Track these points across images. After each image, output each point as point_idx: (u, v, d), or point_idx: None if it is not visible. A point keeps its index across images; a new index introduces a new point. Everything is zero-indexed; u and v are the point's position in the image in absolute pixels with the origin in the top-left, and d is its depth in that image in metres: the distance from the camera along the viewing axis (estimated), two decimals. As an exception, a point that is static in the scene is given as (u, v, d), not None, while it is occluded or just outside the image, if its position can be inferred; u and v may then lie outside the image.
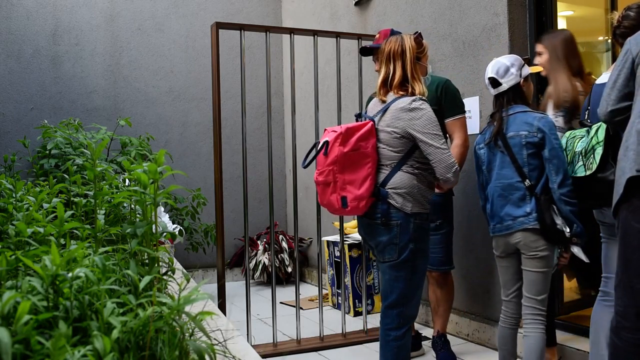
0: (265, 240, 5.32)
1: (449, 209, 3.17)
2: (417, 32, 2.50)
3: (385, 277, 2.39)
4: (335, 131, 2.32)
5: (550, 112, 2.80)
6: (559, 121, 2.78)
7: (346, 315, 3.82)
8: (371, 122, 2.33)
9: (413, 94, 2.33)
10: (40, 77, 4.97)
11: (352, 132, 2.29)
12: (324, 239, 4.48)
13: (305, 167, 2.38)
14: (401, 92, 2.35)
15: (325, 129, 2.44)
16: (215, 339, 1.16)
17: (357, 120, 2.42)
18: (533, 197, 2.38)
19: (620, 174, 1.99)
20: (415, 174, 2.32)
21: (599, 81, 2.42)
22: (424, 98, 2.33)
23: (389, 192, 2.30)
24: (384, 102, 2.38)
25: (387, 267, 2.36)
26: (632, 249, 1.97)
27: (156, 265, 1.29)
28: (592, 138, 2.28)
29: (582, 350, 2.83)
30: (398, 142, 2.31)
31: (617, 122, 2.09)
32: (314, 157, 2.36)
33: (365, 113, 2.49)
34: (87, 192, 1.75)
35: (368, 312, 3.78)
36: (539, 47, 2.92)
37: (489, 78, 2.49)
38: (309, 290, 5.09)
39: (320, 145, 2.34)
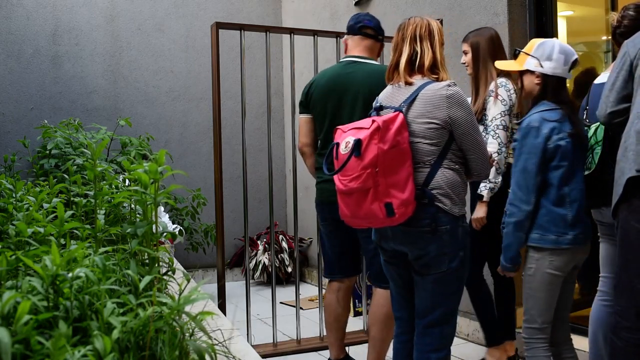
0: (265, 240, 5.32)
1: None
2: (439, 18, 2.29)
3: (426, 293, 2.06)
4: (362, 127, 1.97)
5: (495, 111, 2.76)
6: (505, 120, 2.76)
7: (346, 315, 3.82)
8: (401, 114, 1.98)
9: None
10: (40, 77, 4.97)
11: (388, 126, 1.94)
12: (324, 239, 4.48)
13: (334, 174, 2.01)
14: (433, 76, 2.06)
15: (337, 128, 2.13)
16: (215, 339, 1.16)
17: (377, 114, 2.09)
18: None
19: (620, 174, 2.00)
20: (456, 170, 2.03)
21: (597, 81, 2.42)
22: (455, 83, 2.06)
23: (434, 194, 1.98)
24: (408, 84, 2.06)
25: (432, 281, 2.03)
26: (632, 249, 1.97)
27: (156, 265, 1.29)
28: (591, 137, 2.29)
29: (582, 350, 2.83)
30: (436, 133, 1.99)
31: (616, 124, 2.09)
32: (347, 160, 1.95)
33: (378, 103, 2.16)
34: (87, 192, 1.74)
35: (368, 312, 3.77)
36: (464, 46, 2.88)
37: (577, 59, 2.25)
38: (309, 290, 5.09)
39: (349, 146, 1.96)
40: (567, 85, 2.28)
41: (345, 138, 2.00)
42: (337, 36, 3.61)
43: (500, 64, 2.47)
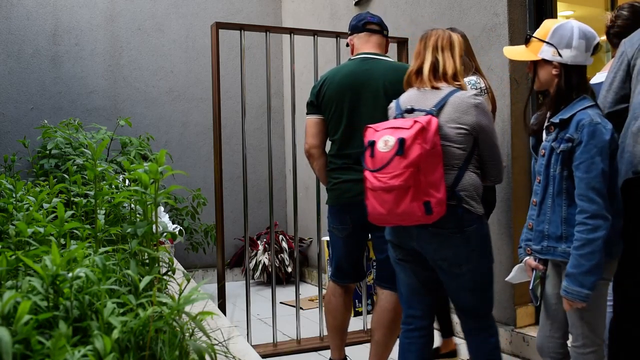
0: (265, 240, 5.32)
1: None
2: (458, 30, 2.40)
3: (466, 292, 2.16)
4: (401, 127, 2.02)
5: None
6: None
7: (346, 315, 3.82)
8: (434, 117, 2.05)
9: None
10: (40, 77, 4.97)
11: (428, 128, 2.01)
12: (324, 239, 4.48)
13: (377, 170, 2.03)
14: (457, 84, 2.14)
15: (368, 127, 2.15)
16: (215, 339, 1.17)
17: (402, 116, 2.15)
18: None
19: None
20: (478, 174, 2.14)
21: (593, 81, 2.41)
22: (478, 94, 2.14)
23: (462, 195, 2.06)
24: (435, 89, 2.13)
25: (469, 279, 2.13)
26: (628, 249, 1.97)
27: (156, 265, 1.30)
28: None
29: (582, 350, 2.83)
30: (464, 139, 2.08)
31: (613, 125, 2.09)
32: (392, 159, 1.99)
33: (407, 105, 2.18)
34: (87, 192, 1.75)
35: (368, 312, 3.78)
36: None
37: (599, 42, 2.01)
38: (309, 290, 5.09)
39: (389, 144, 2.01)
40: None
41: (382, 137, 2.05)
42: (337, 36, 3.61)
43: (510, 52, 2.14)
